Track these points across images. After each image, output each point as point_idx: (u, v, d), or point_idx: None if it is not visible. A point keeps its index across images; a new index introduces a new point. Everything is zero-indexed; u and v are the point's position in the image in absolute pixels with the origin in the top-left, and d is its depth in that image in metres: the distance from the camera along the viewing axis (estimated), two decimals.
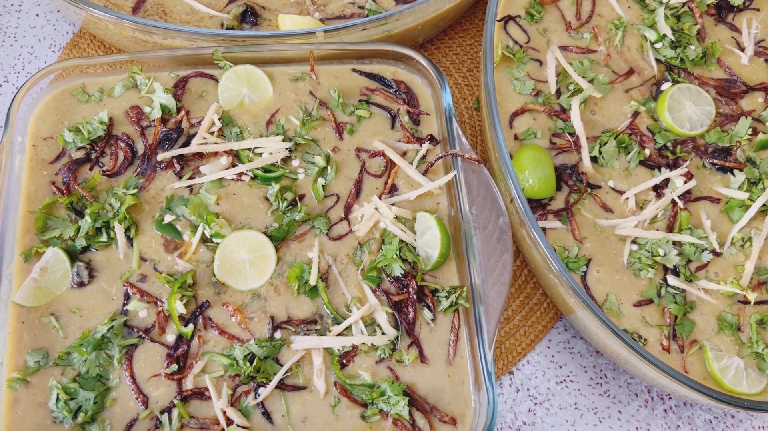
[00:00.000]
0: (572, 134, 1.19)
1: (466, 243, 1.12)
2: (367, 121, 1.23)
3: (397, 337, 1.09)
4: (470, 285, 1.10)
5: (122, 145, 1.19)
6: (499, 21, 1.25)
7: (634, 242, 1.14)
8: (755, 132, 1.21)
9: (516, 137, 1.19)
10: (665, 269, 1.13)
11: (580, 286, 1.07)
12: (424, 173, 1.19)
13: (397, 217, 1.15)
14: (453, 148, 1.16)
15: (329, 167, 1.19)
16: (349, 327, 1.09)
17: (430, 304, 1.11)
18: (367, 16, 1.33)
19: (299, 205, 1.16)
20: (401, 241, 1.13)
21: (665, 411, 1.24)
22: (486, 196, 1.12)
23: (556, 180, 1.16)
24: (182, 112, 1.21)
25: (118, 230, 1.12)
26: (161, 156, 1.17)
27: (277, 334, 1.10)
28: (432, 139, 1.20)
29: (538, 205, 1.16)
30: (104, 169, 1.18)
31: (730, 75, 1.25)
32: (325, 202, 1.18)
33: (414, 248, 1.14)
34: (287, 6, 1.35)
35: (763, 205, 1.15)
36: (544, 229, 1.14)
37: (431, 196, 1.18)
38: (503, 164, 1.10)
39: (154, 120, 1.20)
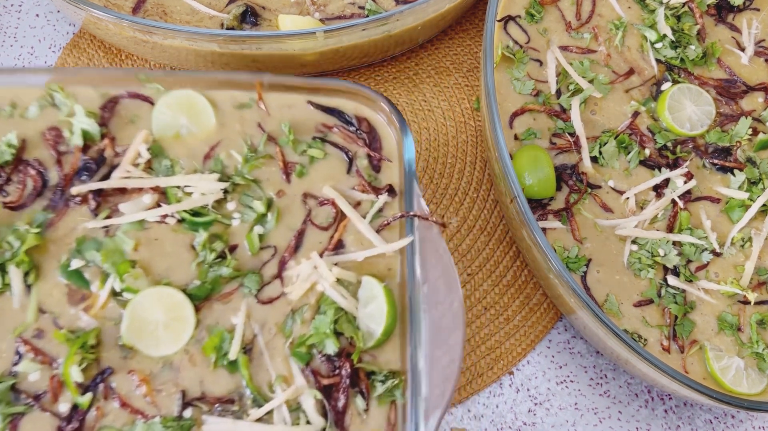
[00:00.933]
0: (572, 134, 1.19)
1: (413, 324, 0.95)
2: (320, 163, 1.08)
3: (324, 428, 0.94)
4: (410, 375, 0.94)
5: (32, 172, 1.03)
6: (499, 21, 1.25)
7: (634, 242, 1.14)
8: (755, 132, 1.21)
9: (516, 137, 1.19)
10: (665, 269, 1.13)
11: (580, 286, 1.07)
12: (378, 231, 1.04)
13: (338, 280, 0.99)
14: (411, 209, 1.01)
15: (270, 214, 1.04)
16: (270, 412, 0.94)
17: (365, 390, 0.95)
18: (367, 16, 1.32)
19: (228, 258, 1.00)
20: (339, 309, 0.98)
21: (665, 411, 1.24)
22: (442, 274, 0.96)
23: (556, 180, 1.16)
24: (106, 140, 1.05)
25: (14, 275, 0.97)
26: (76, 189, 1.01)
27: (188, 412, 0.94)
28: (391, 190, 1.05)
29: (538, 205, 1.16)
30: (7, 200, 1.02)
31: (730, 75, 1.25)
32: (261, 255, 1.02)
33: (354, 319, 0.98)
34: (287, 6, 1.35)
35: (763, 205, 1.15)
36: (544, 229, 1.14)
37: (383, 258, 1.02)
38: (503, 164, 1.10)
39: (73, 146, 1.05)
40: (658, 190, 1.17)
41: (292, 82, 1.10)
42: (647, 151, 1.19)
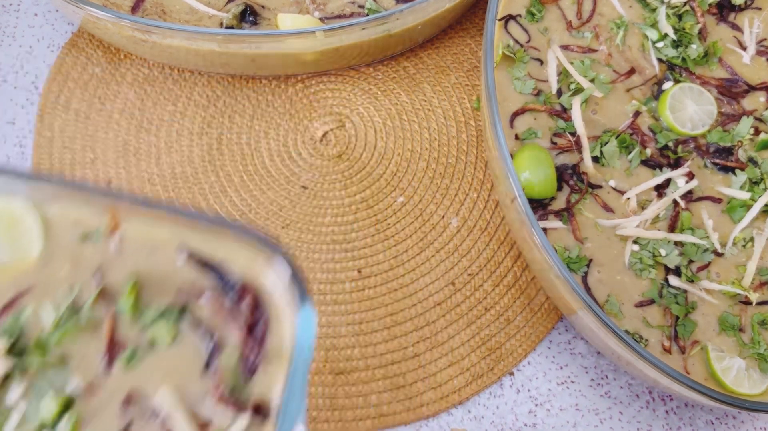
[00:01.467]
0: (573, 134, 1.19)
1: None
2: (166, 350, 0.73)
3: None
4: None
5: None
6: (499, 20, 1.25)
7: (635, 242, 1.13)
8: (757, 132, 1.21)
9: (517, 137, 1.19)
10: (666, 269, 1.13)
11: (581, 287, 1.07)
12: None
13: None
14: None
15: (64, 421, 0.69)
16: None
17: None
18: (368, 15, 1.32)
19: None
20: None
21: (666, 412, 1.23)
22: None
23: (557, 180, 1.15)
24: None
25: None
26: None
27: None
28: (259, 410, 0.71)
29: (538, 205, 1.15)
30: None
31: (731, 74, 1.25)
32: None
33: None
34: (287, 5, 1.34)
35: (765, 205, 1.14)
36: (544, 229, 1.14)
37: None
38: (504, 164, 1.10)
39: None
40: (660, 189, 1.17)
41: (163, 214, 0.73)
42: (648, 151, 1.19)
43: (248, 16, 1.32)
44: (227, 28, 1.30)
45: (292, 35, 1.22)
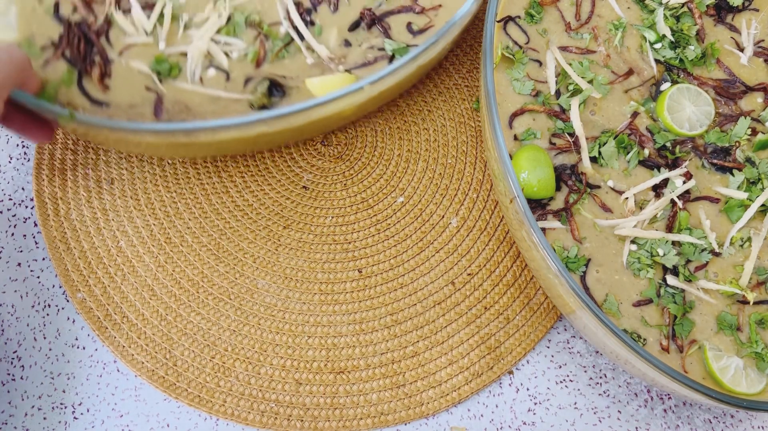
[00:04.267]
0: (572, 134, 1.19)
1: None
2: None
3: None
4: None
5: None
6: (498, 21, 1.26)
7: (633, 242, 1.14)
8: (754, 132, 1.21)
9: (516, 137, 1.20)
10: (664, 269, 1.13)
11: (580, 286, 1.08)
12: None
13: None
14: None
15: None
16: None
17: None
18: (392, 56, 1.23)
19: None
20: None
21: (665, 410, 1.24)
22: None
23: (556, 180, 1.16)
24: None
25: None
26: None
27: None
28: None
29: (537, 205, 1.16)
30: None
31: (729, 75, 1.26)
32: None
33: None
34: (307, 69, 1.23)
35: (763, 205, 1.15)
36: (543, 229, 1.14)
37: None
38: (503, 164, 1.11)
39: None
40: (658, 190, 1.17)
41: None
42: (646, 151, 1.19)
43: (275, 90, 1.22)
44: (260, 107, 1.20)
45: (342, 97, 1.11)
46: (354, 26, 1.23)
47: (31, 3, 1.20)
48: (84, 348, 1.27)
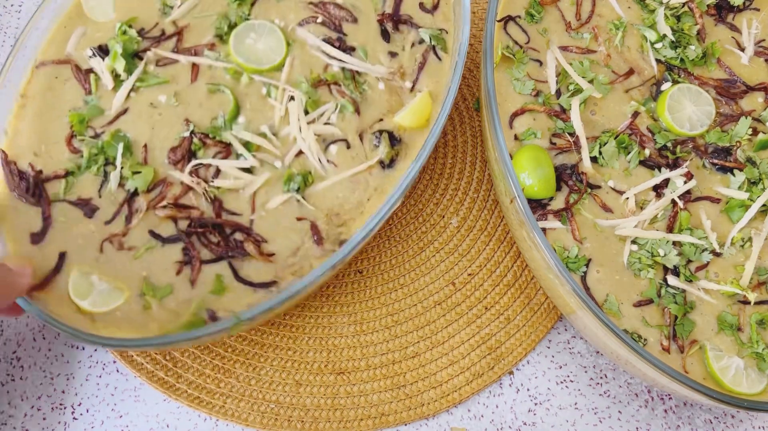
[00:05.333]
0: (572, 134, 1.19)
1: None
2: None
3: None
4: None
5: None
6: (499, 21, 1.25)
7: (634, 242, 1.14)
8: (755, 132, 1.21)
9: (516, 137, 1.20)
10: (665, 269, 1.13)
11: (580, 286, 1.08)
12: None
13: None
14: None
15: None
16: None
17: None
18: (434, 46, 1.20)
19: None
20: None
21: (665, 411, 1.24)
22: None
23: (556, 180, 1.16)
24: None
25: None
26: None
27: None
28: None
29: (538, 205, 1.16)
30: None
31: (730, 75, 1.25)
32: None
33: None
34: (385, 98, 1.17)
35: (763, 205, 1.15)
36: (544, 229, 1.14)
37: None
38: (503, 164, 1.10)
39: None
40: (658, 190, 1.17)
41: None
42: (647, 151, 1.19)
43: (392, 139, 1.15)
44: (390, 161, 1.13)
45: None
46: (385, 34, 1.20)
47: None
48: (84, 348, 1.26)
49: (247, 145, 1.12)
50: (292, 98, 1.14)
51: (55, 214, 1.09)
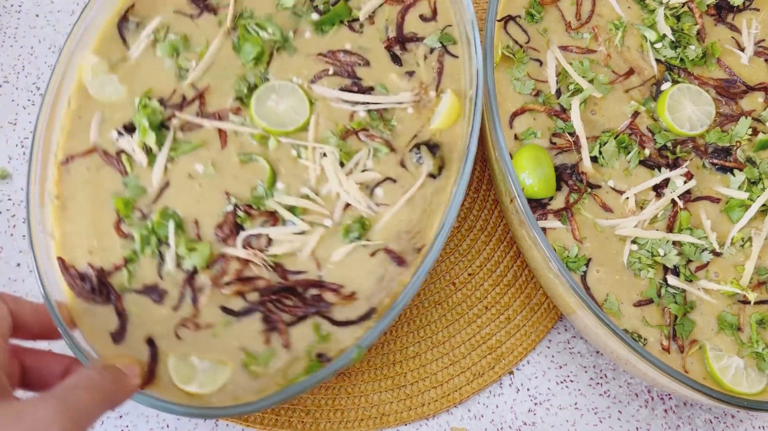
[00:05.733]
0: (572, 134, 1.19)
1: None
2: None
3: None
4: None
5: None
6: (499, 21, 1.25)
7: (634, 242, 1.14)
8: (755, 132, 1.21)
9: (516, 137, 1.20)
10: (665, 269, 1.13)
11: (580, 286, 1.08)
12: None
13: None
14: None
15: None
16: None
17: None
18: (444, 46, 1.20)
19: None
20: None
21: (665, 411, 1.24)
22: None
23: (556, 180, 1.16)
24: None
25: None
26: None
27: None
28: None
29: (538, 205, 1.16)
30: None
31: (730, 75, 1.25)
32: None
33: None
34: (415, 118, 1.17)
35: (763, 205, 1.15)
36: (544, 229, 1.14)
37: None
38: (503, 164, 1.10)
39: None
40: (658, 189, 1.17)
41: None
42: (647, 151, 1.19)
43: (430, 149, 1.15)
44: (439, 170, 1.13)
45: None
46: (395, 59, 1.19)
47: None
48: None
49: (292, 209, 1.10)
50: (323, 154, 1.12)
51: (127, 306, 1.05)
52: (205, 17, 1.20)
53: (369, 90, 1.16)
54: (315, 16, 1.21)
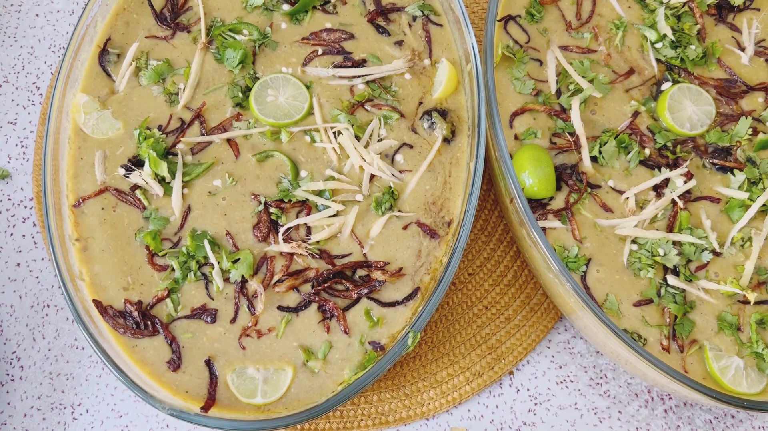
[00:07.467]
0: (572, 134, 1.19)
1: None
2: None
3: None
4: None
5: None
6: (499, 21, 1.25)
7: (633, 242, 1.14)
8: (755, 132, 1.21)
9: (516, 137, 1.19)
10: (665, 269, 1.13)
11: (580, 286, 1.08)
12: None
13: None
14: None
15: None
16: None
17: None
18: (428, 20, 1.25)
19: None
20: None
21: (665, 411, 1.24)
22: None
23: (556, 180, 1.16)
24: None
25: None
26: None
27: None
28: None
29: (538, 205, 1.16)
30: None
31: (730, 75, 1.25)
32: None
33: None
34: (415, 86, 1.20)
35: (763, 205, 1.15)
36: (544, 229, 1.14)
37: None
38: (503, 164, 1.10)
39: None
40: (658, 189, 1.17)
41: None
42: (647, 151, 1.19)
43: (440, 114, 1.19)
44: (452, 132, 1.18)
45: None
46: (381, 30, 1.22)
47: None
48: (83, 348, 1.26)
49: (321, 193, 1.12)
50: (337, 133, 1.14)
51: (177, 333, 1.07)
52: (179, 37, 1.20)
53: (362, 63, 1.19)
54: (286, 7, 1.22)
